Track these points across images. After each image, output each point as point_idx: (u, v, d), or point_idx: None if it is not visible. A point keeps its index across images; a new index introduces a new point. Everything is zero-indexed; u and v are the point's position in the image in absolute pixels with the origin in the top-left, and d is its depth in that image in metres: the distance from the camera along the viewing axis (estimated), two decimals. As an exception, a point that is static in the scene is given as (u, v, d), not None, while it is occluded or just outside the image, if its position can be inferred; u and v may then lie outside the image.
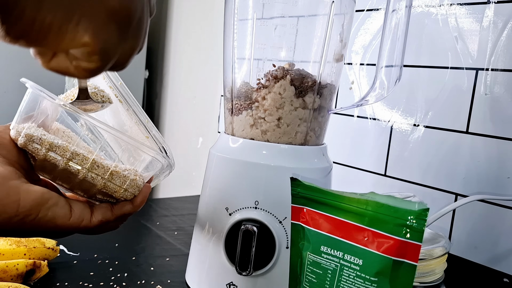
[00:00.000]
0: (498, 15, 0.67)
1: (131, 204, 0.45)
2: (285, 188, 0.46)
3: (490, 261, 0.68)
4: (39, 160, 0.42)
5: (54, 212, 0.40)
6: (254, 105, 0.53)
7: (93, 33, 0.25)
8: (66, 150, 0.42)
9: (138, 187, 0.45)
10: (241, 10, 0.54)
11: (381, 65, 0.54)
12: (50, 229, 0.41)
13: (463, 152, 0.71)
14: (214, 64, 1.34)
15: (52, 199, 0.41)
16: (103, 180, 0.43)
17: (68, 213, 0.41)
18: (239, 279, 0.51)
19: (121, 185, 0.44)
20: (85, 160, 0.42)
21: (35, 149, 0.42)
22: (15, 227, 0.39)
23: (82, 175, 0.42)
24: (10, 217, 0.38)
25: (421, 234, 0.36)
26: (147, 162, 0.45)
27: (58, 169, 0.42)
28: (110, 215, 0.44)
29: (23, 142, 0.42)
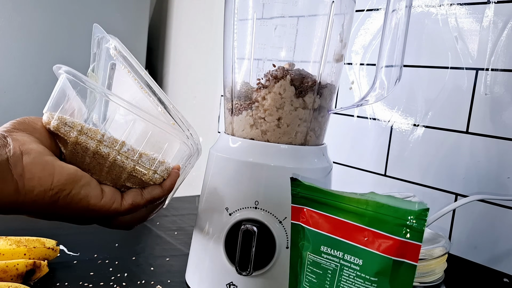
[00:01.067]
0: (498, 15, 0.67)
1: (161, 187, 0.46)
2: (285, 188, 0.46)
3: (490, 261, 0.68)
4: (71, 144, 0.43)
5: (87, 190, 0.42)
6: (254, 105, 0.53)
7: None
8: (97, 133, 0.43)
9: (167, 170, 0.46)
10: (241, 10, 0.54)
11: (381, 65, 0.54)
12: (82, 208, 0.42)
13: (463, 152, 0.71)
14: (214, 64, 1.34)
15: (85, 178, 0.42)
16: (133, 162, 0.44)
17: (100, 193, 0.42)
18: (239, 279, 0.51)
19: (150, 167, 0.44)
20: (115, 142, 0.43)
21: (67, 132, 0.43)
22: (48, 204, 0.40)
23: (112, 157, 0.43)
24: (45, 190, 0.39)
25: (421, 234, 0.36)
26: (174, 147, 0.46)
27: (88, 153, 0.43)
28: (140, 198, 0.45)
29: (55, 124, 0.43)
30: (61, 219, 0.43)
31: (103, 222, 0.46)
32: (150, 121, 0.44)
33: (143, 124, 0.45)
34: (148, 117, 0.44)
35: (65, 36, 1.34)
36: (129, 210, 0.44)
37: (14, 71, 1.28)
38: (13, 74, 1.27)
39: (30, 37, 1.29)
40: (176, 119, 0.47)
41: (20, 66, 1.28)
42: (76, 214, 0.42)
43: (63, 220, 0.44)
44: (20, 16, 1.26)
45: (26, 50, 1.29)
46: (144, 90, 0.47)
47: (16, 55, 1.28)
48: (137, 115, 0.44)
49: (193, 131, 0.48)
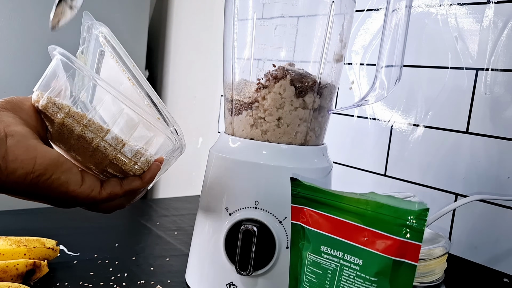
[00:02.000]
0: (498, 15, 0.67)
1: (140, 179, 0.46)
2: (285, 188, 0.46)
3: (490, 261, 0.68)
4: (57, 124, 0.44)
5: (67, 176, 0.42)
6: (254, 105, 0.53)
7: None
8: (83, 117, 0.43)
9: (147, 163, 0.46)
10: (241, 10, 0.54)
11: (381, 65, 0.54)
12: (61, 194, 0.43)
13: (463, 152, 0.71)
14: (214, 64, 1.34)
15: (67, 164, 0.43)
16: (115, 151, 0.44)
17: (80, 180, 0.43)
18: (239, 279, 0.51)
19: (131, 158, 0.45)
20: (100, 129, 0.44)
21: (54, 112, 0.43)
22: (29, 186, 0.41)
23: (95, 143, 0.44)
24: (27, 173, 0.40)
25: (421, 234, 0.36)
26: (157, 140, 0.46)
27: (73, 135, 0.44)
28: (119, 189, 0.45)
29: (44, 103, 0.43)
30: (42, 200, 0.44)
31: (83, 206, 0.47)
32: (137, 112, 0.44)
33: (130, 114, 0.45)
34: (135, 107, 0.44)
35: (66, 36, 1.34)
36: (106, 199, 0.45)
37: (14, 71, 1.28)
38: (13, 74, 1.27)
39: (30, 37, 1.29)
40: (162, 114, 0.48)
41: (20, 66, 1.28)
42: (55, 197, 0.43)
43: (44, 201, 0.45)
44: (20, 16, 1.26)
45: (26, 50, 1.29)
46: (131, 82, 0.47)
47: (16, 55, 1.28)
48: (126, 105, 0.44)
49: (178, 127, 0.48)
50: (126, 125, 0.46)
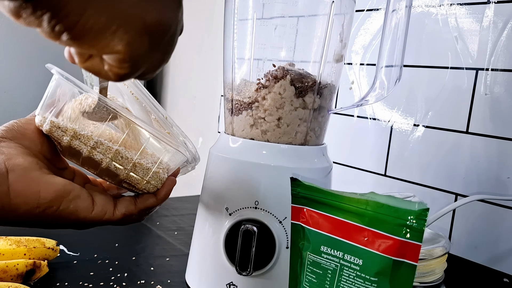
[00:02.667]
0: (498, 15, 0.67)
1: (155, 197, 0.45)
2: (285, 188, 0.46)
3: (490, 261, 0.68)
4: (64, 147, 0.43)
5: (76, 204, 0.41)
6: (254, 105, 0.53)
7: (126, 43, 0.26)
8: (90, 139, 0.42)
9: (161, 180, 0.45)
10: (241, 10, 0.54)
11: (381, 65, 0.54)
12: (73, 221, 0.41)
13: (463, 152, 0.71)
14: (214, 64, 1.34)
15: (74, 191, 0.41)
16: (126, 170, 0.43)
17: (91, 206, 0.42)
18: (239, 279, 0.51)
19: (144, 177, 0.44)
20: (108, 150, 0.42)
21: (60, 136, 0.42)
22: (37, 219, 0.40)
23: (105, 164, 0.43)
24: (32, 208, 0.39)
25: (421, 234, 0.36)
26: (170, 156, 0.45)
27: (82, 156, 0.43)
28: (133, 208, 0.44)
29: (48, 128, 0.42)
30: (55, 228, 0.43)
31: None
32: (147, 129, 0.43)
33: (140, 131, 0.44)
34: (144, 125, 0.43)
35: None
36: (121, 220, 0.44)
37: (14, 71, 1.28)
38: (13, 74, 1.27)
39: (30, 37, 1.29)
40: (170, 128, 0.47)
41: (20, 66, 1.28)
42: (68, 224, 0.42)
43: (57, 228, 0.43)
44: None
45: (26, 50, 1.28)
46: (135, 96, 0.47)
47: (16, 55, 1.28)
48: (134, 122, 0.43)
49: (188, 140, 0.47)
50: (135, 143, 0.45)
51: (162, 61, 0.30)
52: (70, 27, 0.24)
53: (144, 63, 0.29)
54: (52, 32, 0.25)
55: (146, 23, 0.26)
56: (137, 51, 0.27)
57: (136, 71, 0.29)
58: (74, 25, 0.24)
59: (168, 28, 0.28)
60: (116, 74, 0.28)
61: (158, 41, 0.28)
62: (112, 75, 0.29)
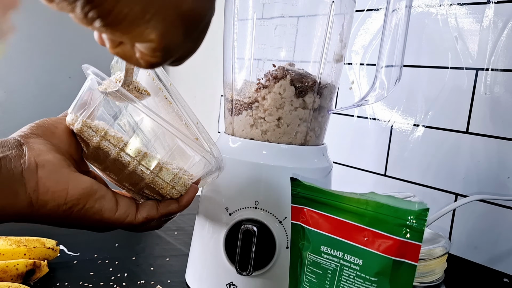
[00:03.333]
0: (498, 15, 0.67)
1: (177, 203, 0.45)
2: (285, 188, 0.46)
3: (490, 261, 0.68)
4: (93, 148, 0.42)
5: (101, 204, 0.41)
6: (254, 105, 0.53)
7: (161, 32, 0.26)
8: (120, 141, 0.42)
9: (185, 186, 0.45)
10: (241, 10, 0.54)
11: (381, 65, 0.54)
12: (96, 221, 0.41)
13: (463, 152, 0.71)
14: (214, 64, 1.34)
15: (100, 191, 0.41)
16: (152, 174, 0.43)
17: (115, 207, 0.42)
18: (239, 279, 0.51)
19: (169, 182, 0.43)
20: (138, 152, 0.42)
21: (90, 136, 0.42)
22: (62, 217, 0.40)
23: (132, 166, 0.42)
24: (59, 205, 0.39)
25: (421, 234, 0.36)
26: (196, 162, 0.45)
27: (109, 158, 0.42)
28: (155, 212, 0.44)
29: (79, 127, 0.42)
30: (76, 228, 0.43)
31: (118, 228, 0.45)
32: (176, 134, 0.42)
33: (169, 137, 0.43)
34: (174, 130, 0.42)
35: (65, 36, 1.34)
36: (142, 223, 0.43)
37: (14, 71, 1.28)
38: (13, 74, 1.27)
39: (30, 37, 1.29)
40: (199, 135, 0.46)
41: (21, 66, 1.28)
42: (90, 225, 0.42)
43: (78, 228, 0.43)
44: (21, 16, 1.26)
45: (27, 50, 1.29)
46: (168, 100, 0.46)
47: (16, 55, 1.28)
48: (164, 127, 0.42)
49: (216, 148, 0.46)
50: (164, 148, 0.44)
51: (194, 49, 0.30)
52: (104, 15, 0.24)
53: (177, 52, 0.28)
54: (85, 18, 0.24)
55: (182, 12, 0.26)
56: (171, 41, 0.27)
57: (168, 59, 0.28)
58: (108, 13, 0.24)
59: (203, 17, 0.28)
60: (147, 62, 0.28)
61: (192, 31, 0.28)
62: (144, 63, 0.28)
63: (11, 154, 0.38)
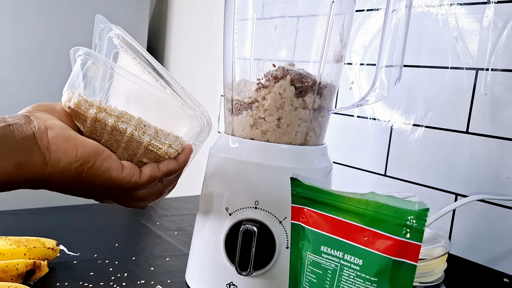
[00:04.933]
0: (498, 15, 0.67)
1: (176, 161, 0.48)
2: (285, 188, 0.46)
3: (490, 261, 0.68)
4: (90, 120, 0.45)
5: (109, 163, 0.43)
6: (254, 105, 0.53)
7: None
8: (114, 110, 0.45)
9: (181, 144, 0.48)
10: (241, 10, 0.54)
11: (381, 65, 0.54)
12: (105, 180, 0.44)
13: (463, 152, 0.71)
14: (214, 64, 1.34)
15: (106, 152, 0.44)
16: (149, 137, 0.46)
17: (120, 166, 0.44)
18: (239, 279, 0.51)
19: (165, 141, 0.46)
20: (132, 118, 0.45)
21: (87, 109, 0.45)
22: (73, 176, 0.42)
23: (129, 132, 0.45)
24: (71, 161, 0.41)
25: (421, 234, 0.36)
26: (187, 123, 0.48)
27: (107, 129, 0.45)
28: (157, 171, 0.46)
29: (76, 101, 0.45)
30: (84, 193, 0.45)
31: (122, 197, 0.47)
32: (164, 99, 0.46)
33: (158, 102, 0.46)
34: (162, 94, 0.46)
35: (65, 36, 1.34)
36: (147, 183, 0.46)
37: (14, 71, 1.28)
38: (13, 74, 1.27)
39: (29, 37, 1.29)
40: (185, 99, 0.49)
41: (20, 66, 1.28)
42: (99, 186, 0.44)
43: (85, 195, 0.46)
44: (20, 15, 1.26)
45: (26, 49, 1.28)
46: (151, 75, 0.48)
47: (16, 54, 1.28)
48: (152, 92, 0.45)
49: (203, 108, 0.49)
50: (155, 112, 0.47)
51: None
52: None
53: None
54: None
55: None
56: None
57: None
58: None
59: None
60: None
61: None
62: None
63: (20, 121, 0.41)
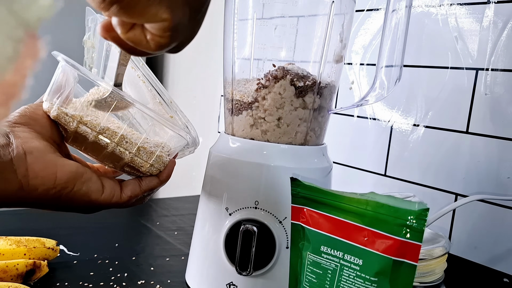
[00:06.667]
0: (498, 15, 0.67)
1: (158, 179, 0.48)
2: (285, 188, 0.46)
3: (490, 261, 0.68)
4: (70, 132, 0.44)
5: (88, 186, 0.43)
6: (254, 105, 0.53)
7: (171, 11, 0.28)
8: (96, 125, 0.44)
9: (163, 163, 0.47)
10: (241, 10, 0.54)
11: (381, 65, 0.54)
12: (85, 203, 0.43)
13: (463, 152, 0.71)
14: (214, 64, 1.34)
15: (86, 174, 0.43)
16: (131, 154, 0.45)
17: (101, 188, 0.44)
18: (239, 279, 0.51)
19: (147, 160, 0.46)
20: (114, 134, 0.44)
21: (67, 122, 0.44)
22: (52, 199, 0.41)
23: (110, 148, 0.44)
24: (48, 188, 0.41)
25: (421, 234, 0.36)
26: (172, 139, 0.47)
27: (88, 142, 0.44)
28: (138, 190, 0.46)
29: (56, 114, 0.44)
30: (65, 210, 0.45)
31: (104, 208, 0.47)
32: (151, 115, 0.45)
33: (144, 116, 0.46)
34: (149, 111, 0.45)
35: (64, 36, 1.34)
36: (128, 201, 0.46)
37: None
38: None
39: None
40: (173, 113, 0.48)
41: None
42: (79, 207, 0.44)
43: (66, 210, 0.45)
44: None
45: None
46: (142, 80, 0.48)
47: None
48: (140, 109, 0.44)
49: (190, 124, 0.49)
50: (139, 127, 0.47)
51: (194, 33, 0.32)
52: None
53: (182, 33, 0.30)
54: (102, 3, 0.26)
55: None
56: (180, 20, 0.29)
57: (175, 41, 0.30)
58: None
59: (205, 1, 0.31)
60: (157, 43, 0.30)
61: (196, 12, 0.30)
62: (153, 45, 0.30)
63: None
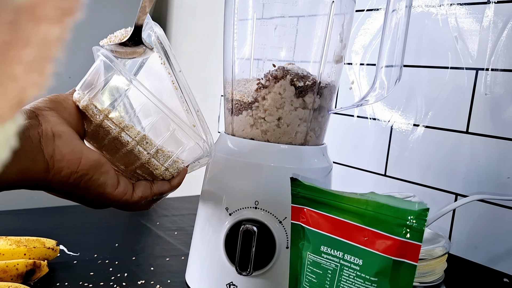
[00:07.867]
0: (498, 15, 0.67)
1: (169, 184, 0.48)
2: (285, 188, 0.46)
3: (490, 261, 0.68)
4: (95, 125, 0.45)
5: (106, 178, 0.44)
6: (254, 105, 0.53)
7: None
8: (121, 121, 0.44)
9: (177, 169, 0.47)
10: (241, 10, 0.54)
11: (381, 65, 0.54)
12: (98, 194, 0.44)
13: (463, 152, 0.71)
14: (214, 64, 1.34)
15: (106, 166, 0.44)
16: (148, 155, 0.45)
17: (116, 183, 0.45)
18: (239, 279, 0.51)
19: (163, 164, 0.46)
20: (137, 134, 0.45)
21: (94, 114, 0.44)
22: (71, 185, 0.42)
23: (130, 146, 0.45)
24: (71, 172, 0.42)
25: (421, 234, 0.36)
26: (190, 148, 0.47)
27: (109, 137, 0.45)
28: (149, 192, 0.47)
29: (85, 104, 0.44)
30: (78, 200, 0.46)
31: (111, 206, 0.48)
32: (173, 119, 0.45)
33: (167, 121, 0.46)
34: (172, 115, 0.45)
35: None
36: (137, 202, 0.46)
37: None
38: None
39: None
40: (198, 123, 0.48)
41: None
42: (92, 198, 0.44)
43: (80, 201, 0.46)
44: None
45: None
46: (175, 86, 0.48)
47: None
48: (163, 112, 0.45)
49: (210, 136, 0.49)
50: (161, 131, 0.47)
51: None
52: None
53: None
54: None
55: None
56: None
57: None
58: None
59: None
60: None
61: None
62: None
63: (28, 123, 0.41)
